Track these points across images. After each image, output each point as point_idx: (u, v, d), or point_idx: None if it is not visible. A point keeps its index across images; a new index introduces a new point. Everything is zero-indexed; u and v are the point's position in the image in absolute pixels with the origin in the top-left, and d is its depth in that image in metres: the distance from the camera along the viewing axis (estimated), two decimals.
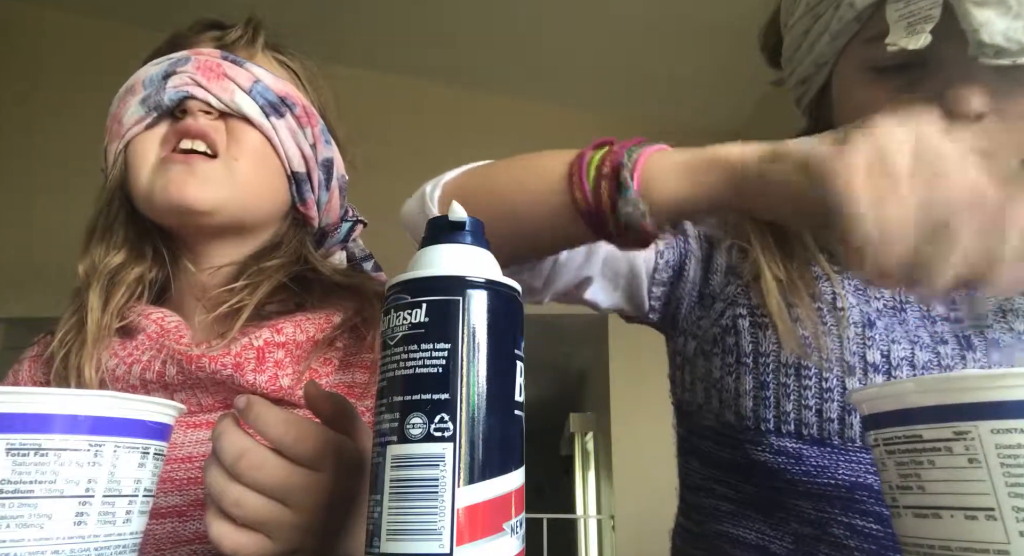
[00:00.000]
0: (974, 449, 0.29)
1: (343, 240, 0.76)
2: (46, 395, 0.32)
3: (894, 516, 0.34)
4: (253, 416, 0.39)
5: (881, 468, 0.34)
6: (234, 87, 0.62)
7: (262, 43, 0.68)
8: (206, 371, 0.56)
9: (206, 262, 0.65)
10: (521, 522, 0.32)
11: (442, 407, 0.30)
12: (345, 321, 0.63)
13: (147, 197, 0.61)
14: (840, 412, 0.56)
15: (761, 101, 2.83)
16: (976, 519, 0.29)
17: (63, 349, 0.60)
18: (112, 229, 0.64)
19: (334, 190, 0.71)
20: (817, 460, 0.56)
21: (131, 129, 0.62)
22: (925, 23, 0.49)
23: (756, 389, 0.59)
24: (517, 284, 0.35)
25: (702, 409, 0.65)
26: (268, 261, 0.64)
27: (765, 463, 0.59)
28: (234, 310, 0.60)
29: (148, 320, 0.60)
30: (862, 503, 0.55)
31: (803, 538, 0.57)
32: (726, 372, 0.62)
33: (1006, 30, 0.47)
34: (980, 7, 0.48)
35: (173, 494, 0.54)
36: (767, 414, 0.58)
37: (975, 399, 0.30)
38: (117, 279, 0.62)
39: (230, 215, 0.62)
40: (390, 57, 2.78)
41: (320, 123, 0.68)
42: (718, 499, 0.64)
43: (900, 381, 0.35)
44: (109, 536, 0.33)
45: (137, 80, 0.63)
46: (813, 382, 0.57)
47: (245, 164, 0.62)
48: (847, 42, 0.58)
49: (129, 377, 0.57)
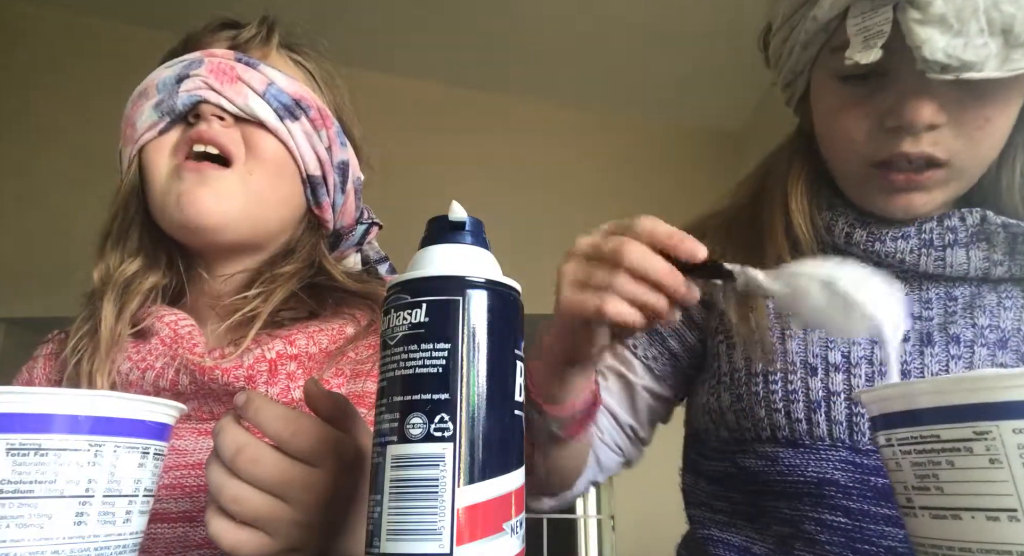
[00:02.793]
0: (995, 449, 0.29)
1: (358, 243, 0.76)
2: (46, 395, 0.32)
3: (907, 517, 0.34)
4: (252, 412, 0.39)
5: (894, 469, 0.34)
6: (248, 91, 0.61)
7: (276, 42, 0.67)
8: (218, 383, 0.56)
9: (219, 270, 0.65)
10: (521, 522, 0.32)
11: (442, 407, 0.30)
12: (358, 334, 0.63)
13: (161, 209, 0.61)
14: (806, 412, 0.58)
15: (761, 102, 2.83)
16: (998, 520, 0.29)
17: (76, 355, 0.60)
18: (127, 234, 0.64)
19: (349, 192, 0.70)
20: (790, 461, 0.59)
21: (145, 134, 0.62)
22: (877, 38, 0.52)
23: (734, 402, 0.63)
24: (516, 284, 0.35)
25: (707, 433, 0.68)
26: (282, 267, 0.64)
27: (749, 469, 0.61)
28: (248, 318, 0.60)
29: (162, 323, 0.60)
30: (831, 498, 0.57)
31: (782, 538, 0.60)
32: (710, 394, 0.66)
33: (946, 47, 0.49)
34: (922, 25, 0.50)
35: (183, 500, 0.54)
36: (747, 424, 0.61)
37: (996, 399, 0.29)
38: (132, 288, 0.62)
39: (241, 232, 0.62)
40: (390, 57, 2.78)
41: (335, 125, 0.67)
42: (715, 512, 0.67)
43: (914, 381, 0.35)
44: (109, 536, 0.33)
45: (150, 83, 0.63)
46: (779, 386, 0.60)
47: (261, 178, 0.62)
48: (817, 51, 0.60)
49: (143, 383, 0.58)
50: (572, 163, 2.94)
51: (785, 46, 0.64)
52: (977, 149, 0.56)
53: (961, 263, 0.59)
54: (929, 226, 0.59)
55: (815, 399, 0.58)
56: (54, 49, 2.68)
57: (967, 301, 0.60)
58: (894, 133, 0.56)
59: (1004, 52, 0.50)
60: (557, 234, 3.28)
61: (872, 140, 0.57)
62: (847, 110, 0.59)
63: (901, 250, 0.60)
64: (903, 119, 0.55)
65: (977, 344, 0.58)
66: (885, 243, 0.60)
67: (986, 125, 0.55)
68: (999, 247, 0.58)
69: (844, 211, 0.63)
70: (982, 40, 0.49)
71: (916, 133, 0.55)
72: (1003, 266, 0.58)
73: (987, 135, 0.56)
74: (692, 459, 0.71)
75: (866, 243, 0.61)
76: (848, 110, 0.59)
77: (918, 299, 0.61)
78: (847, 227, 0.62)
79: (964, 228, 0.58)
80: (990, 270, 0.59)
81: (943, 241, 0.59)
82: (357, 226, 0.75)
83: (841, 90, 0.59)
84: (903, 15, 0.51)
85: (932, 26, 0.50)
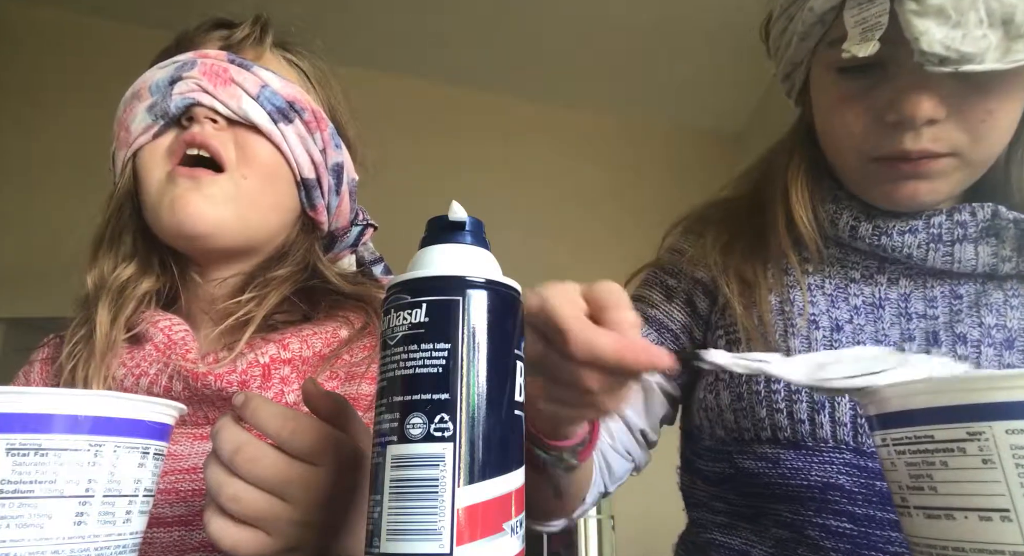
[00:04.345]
0: (988, 450, 0.29)
1: (353, 244, 0.76)
2: (46, 395, 0.32)
3: (902, 516, 0.34)
4: (250, 411, 0.39)
5: (889, 468, 0.34)
6: (241, 93, 0.61)
7: (270, 42, 0.67)
8: (212, 388, 0.56)
9: (213, 274, 0.64)
10: (521, 522, 0.32)
11: (442, 407, 0.30)
12: (352, 337, 0.63)
13: (155, 215, 0.60)
14: (809, 412, 0.57)
15: (761, 103, 2.83)
16: (991, 520, 0.29)
17: (71, 361, 0.60)
18: (120, 238, 0.64)
19: (344, 194, 0.70)
20: (792, 463, 0.57)
21: (139, 138, 0.61)
22: (875, 31, 0.50)
23: (734, 401, 0.61)
24: (516, 284, 0.35)
25: (701, 431, 0.66)
26: (276, 271, 0.63)
27: (748, 470, 0.60)
28: (241, 322, 0.59)
29: (156, 329, 0.59)
30: (835, 503, 0.55)
31: (783, 542, 0.58)
32: (708, 391, 0.64)
33: (944, 39, 0.48)
34: (920, 16, 0.49)
35: (179, 504, 0.54)
36: (746, 423, 0.60)
37: (989, 399, 0.29)
38: (127, 293, 0.62)
39: (235, 237, 0.61)
40: (390, 57, 2.78)
41: (329, 127, 0.67)
42: (714, 513, 0.65)
43: (909, 381, 0.35)
44: (109, 536, 0.33)
45: (143, 85, 0.62)
46: (781, 385, 0.58)
47: (254, 183, 0.61)
48: (816, 43, 0.59)
49: (137, 389, 0.58)
50: (572, 163, 2.95)
51: (783, 37, 0.63)
52: (981, 143, 0.55)
53: (969, 259, 0.58)
54: (938, 220, 0.58)
55: (819, 399, 0.56)
56: (54, 49, 2.68)
57: (972, 299, 0.59)
58: (894, 128, 0.55)
59: (1005, 43, 0.48)
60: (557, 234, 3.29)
61: (872, 135, 0.56)
62: (846, 104, 0.57)
63: (908, 244, 0.58)
64: (902, 114, 0.53)
65: (984, 344, 0.57)
66: (892, 237, 0.59)
67: (989, 118, 0.53)
68: (1008, 243, 0.57)
69: (848, 204, 0.62)
70: (981, 31, 0.48)
71: (916, 128, 0.54)
72: (1011, 262, 0.58)
73: (991, 129, 0.54)
74: (687, 458, 0.71)
75: (872, 237, 0.60)
76: (847, 104, 0.57)
77: (923, 297, 0.60)
78: (852, 220, 0.61)
79: (975, 223, 0.57)
80: (997, 266, 0.58)
81: (952, 236, 0.58)
82: (352, 228, 0.74)
83: (840, 83, 0.58)
84: (900, 6, 0.49)
85: (929, 17, 0.48)
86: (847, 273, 0.63)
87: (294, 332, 0.61)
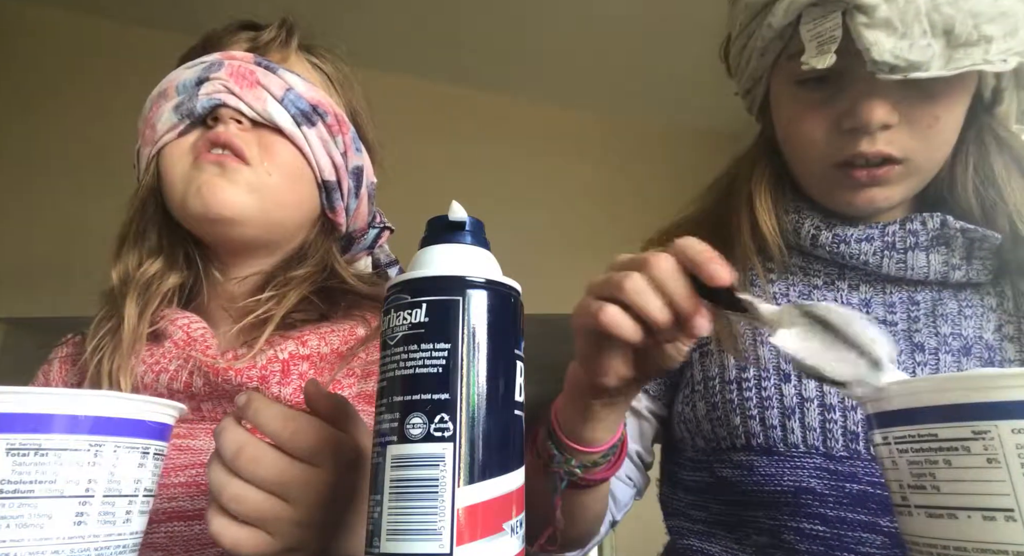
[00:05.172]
0: (993, 449, 0.29)
1: (370, 246, 0.77)
2: (46, 395, 0.32)
3: (902, 516, 0.34)
4: (252, 411, 0.39)
5: (889, 467, 0.34)
6: (267, 96, 0.61)
7: (296, 45, 0.67)
8: (232, 384, 0.56)
9: (234, 272, 0.65)
10: (521, 522, 0.32)
11: (442, 407, 0.30)
12: (370, 336, 0.64)
13: (181, 203, 0.61)
14: (780, 418, 0.59)
15: None
16: (995, 520, 0.29)
17: (97, 354, 0.60)
18: (145, 234, 0.65)
19: (363, 197, 0.71)
20: (765, 469, 0.59)
21: (164, 136, 0.62)
22: (830, 43, 0.54)
23: (710, 410, 0.63)
24: (517, 284, 0.35)
25: (683, 443, 0.68)
26: (295, 270, 0.64)
27: (726, 478, 0.61)
28: (261, 320, 0.60)
29: (175, 326, 0.60)
30: (808, 507, 0.57)
31: (762, 548, 0.59)
32: (685, 404, 0.66)
33: (893, 48, 0.52)
34: (869, 28, 0.52)
35: (199, 498, 0.55)
36: (722, 432, 0.62)
37: (995, 398, 0.29)
38: (153, 288, 0.63)
39: (257, 229, 0.62)
40: (390, 57, 2.78)
41: (351, 130, 0.68)
42: (692, 521, 0.67)
43: (912, 380, 0.35)
44: (109, 536, 0.33)
45: (170, 84, 0.63)
46: (753, 393, 0.60)
47: (277, 180, 0.62)
48: (775, 58, 0.62)
49: (157, 385, 0.58)
50: (572, 163, 2.95)
51: (743, 54, 0.66)
52: (930, 147, 0.58)
53: (922, 266, 0.61)
54: (892, 229, 0.61)
55: (789, 405, 0.58)
56: (58, 50, 2.68)
57: (929, 308, 0.61)
58: (851, 134, 0.58)
59: (947, 52, 0.52)
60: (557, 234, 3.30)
61: (831, 142, 0.59)
62: (806, 114, 0.61)
63: (865, 252, 0.62)
64: (858, 120, 0.56)
65: (941, 351, 0.59)
66: (850, 245, 0.62)
67: (936, 123, 0.57)
68: (957, 251, 0.60)
69: (810, 214, 0.65)
70: (926, 41, 0.51)
71: (871, 133, 0.57)
72: (960, 270, 0.60)
73: (937, 133, 0.58)
74: (669, 470, 0.72)
75: (831, 245, 0.63)
76: (807, 114, 0.60)
77: (882, 302, 0.62)
78: (813, 229, 0.64)
79: (925, 232, 0.60)
80: (948, 274, 0.60)
81: (905, 244, 0.61)
82: (369, 230, 0.75)
83: (799, 95, 0.61)
84: (852, 20, 0.53)
85: (879, 29, 0.52)
86: (810, 280, 0.66)
87: (312, 329, 0.62)
